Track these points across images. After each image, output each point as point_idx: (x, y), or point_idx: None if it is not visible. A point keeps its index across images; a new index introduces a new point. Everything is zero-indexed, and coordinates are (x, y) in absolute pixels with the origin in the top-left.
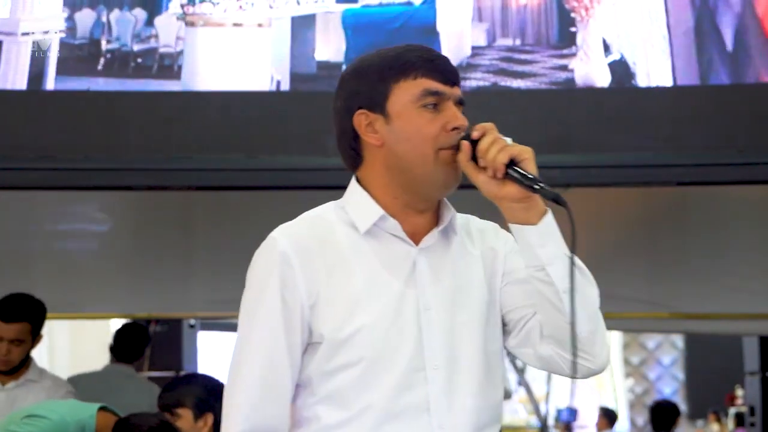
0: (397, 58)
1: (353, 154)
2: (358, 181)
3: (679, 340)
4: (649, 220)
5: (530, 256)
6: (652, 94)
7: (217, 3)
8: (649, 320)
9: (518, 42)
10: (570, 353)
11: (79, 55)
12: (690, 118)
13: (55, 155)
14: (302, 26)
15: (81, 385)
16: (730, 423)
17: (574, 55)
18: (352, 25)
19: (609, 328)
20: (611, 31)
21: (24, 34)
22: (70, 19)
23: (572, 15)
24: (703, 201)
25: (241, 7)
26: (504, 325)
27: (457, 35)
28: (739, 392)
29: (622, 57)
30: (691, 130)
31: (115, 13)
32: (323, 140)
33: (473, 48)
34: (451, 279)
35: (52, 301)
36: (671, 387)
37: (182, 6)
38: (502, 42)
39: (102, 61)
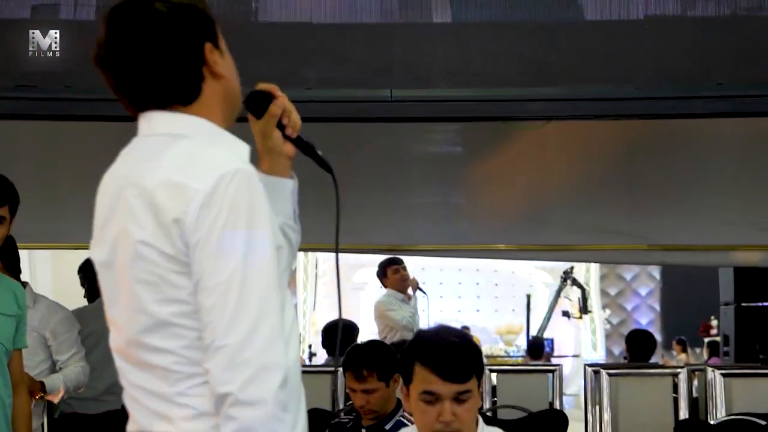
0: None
1: (191, 88)
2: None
3: (656, 271)
4: (629, 153)
5: (286, 206)
6: (633, 27)
7: None
8: (627, 252)
9: None
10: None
11: None
12: (671, 51)
13: (37, 85)
14: None
15: (86, 318)
16: (705, 352)
17: None
18: None
19: (587, 260)
20: None
21: None
22: None
23: None
24: (683, 134)
25: None
26: None
27: None
28: (714, 322)
29: None
30: (671, 63)
31: None
32: (304, 72)
33: None
34: None
35: (35, 230)
36: (647, 317)
37: None
38: None
39: None
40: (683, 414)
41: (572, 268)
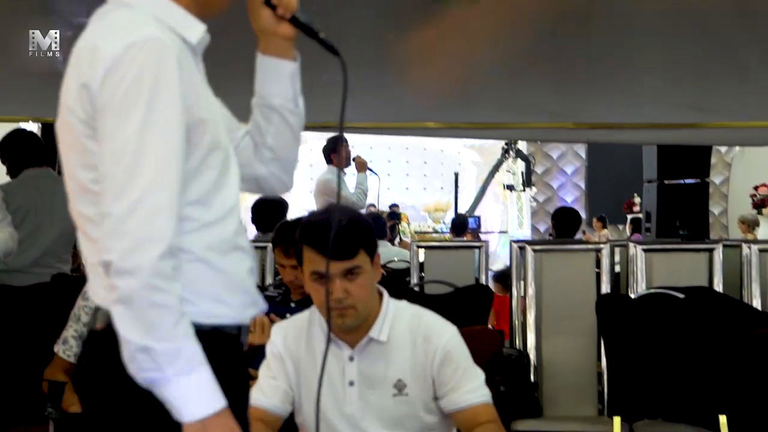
0: None
1: None
2: None
3: (582, 150)
4: (557, 32)
5: (286, 88)
6: None
7: None
8: (553, 130)
9: None
10: (289, 175)
11: None
12: None
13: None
14: None
15: (13, 193)
16: (628, 229)
17: None
18: None
19: (514, 137)
20: None
21: None
22: None
23: None
24: (610, 11)
25: None
26: None
27: None
28: (637, 200)
29: None
30: None
31: None
32: None
33: None
34: None
35: None
36: (573, 195)
37: None
38: None
39: None
40: (605, 288)
41: (516, 140)
